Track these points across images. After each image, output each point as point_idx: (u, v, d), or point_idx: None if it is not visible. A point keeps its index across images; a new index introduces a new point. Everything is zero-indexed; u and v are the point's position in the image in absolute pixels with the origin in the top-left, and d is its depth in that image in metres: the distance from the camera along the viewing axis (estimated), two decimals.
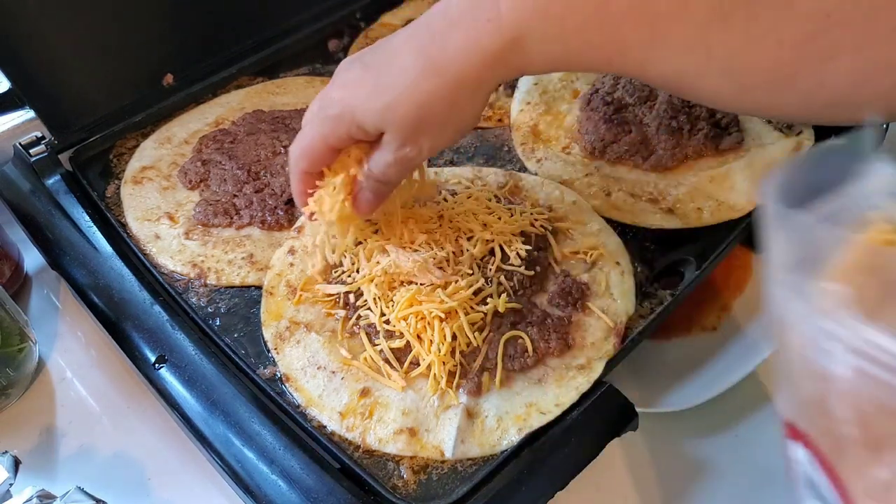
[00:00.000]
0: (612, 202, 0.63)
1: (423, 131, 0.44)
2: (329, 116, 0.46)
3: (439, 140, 0.46)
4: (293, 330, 0.55)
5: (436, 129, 0.44)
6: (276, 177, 0.66)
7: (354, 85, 0.45)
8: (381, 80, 0.43)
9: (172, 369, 0.52)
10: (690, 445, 0.56)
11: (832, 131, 0.66)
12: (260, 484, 0.46)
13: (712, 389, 0.55)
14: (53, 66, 0.67)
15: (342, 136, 0.46)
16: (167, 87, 0.75)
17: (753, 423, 0.57)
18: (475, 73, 0.41)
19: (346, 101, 0.45)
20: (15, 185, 0.66)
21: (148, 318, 0.55)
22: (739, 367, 0.56)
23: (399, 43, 0.44)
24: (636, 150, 0.67)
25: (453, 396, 0.49)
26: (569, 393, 0.49)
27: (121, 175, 0.69)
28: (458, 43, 0.40)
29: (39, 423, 0.60)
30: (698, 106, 0.68)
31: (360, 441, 0.48)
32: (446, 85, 0.41)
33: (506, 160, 0.69)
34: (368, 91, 0.44)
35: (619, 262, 0.58)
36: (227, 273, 0.60)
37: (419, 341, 0.50)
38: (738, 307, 0.62)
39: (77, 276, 0.59)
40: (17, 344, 0.58)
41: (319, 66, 0.82)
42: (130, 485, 0.55)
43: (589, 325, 0.54)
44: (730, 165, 0.65)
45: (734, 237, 0.59)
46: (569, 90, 0.74)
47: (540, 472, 0.45)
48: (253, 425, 0.48)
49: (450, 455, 0.47)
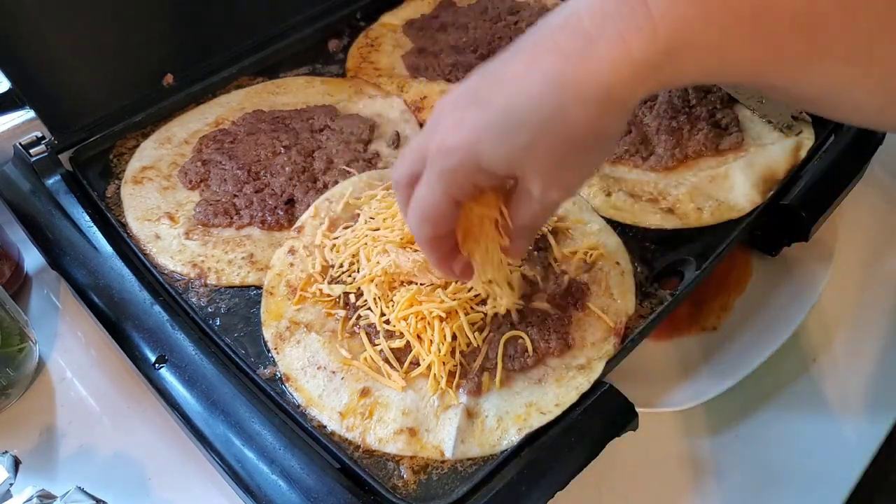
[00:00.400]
0: (611, 202, 0.63)
1: (569, 167, 0.38)
2: (449, 169, 0.38)
3: (586, 173, 0.40)
4: (293, 330, 0.55)
5: (582, 162, 0.38)
6: (276, 177, 0.66)
7: (472, 126, 0.37)
8: (508, 116, 0.36)
9: (172, 369, 0.52)
10: (690, 445, 0.56)
11: (832, 131, 0.66)
12: (260, 484, 0.46)
13: (712, 389, 0.55)
14: (53, 66, 0.67)
15: (467, 190, 0.40)
16: (167, 87, 0.75)
17: (753, 423, 0.57)
18: (624, 91, 0.35)
19: (466, 148, 0.37)
20: (15, 185, 0.66)
21: (148, 318, 0.55)
22: (739, 367, 0.56)
23: (519, 69, 0.37)
24: (636, 150, 0.67)
25: (453, 396, 0.49)
26: (569, 393, 0.49)
27: (121, 175, 0.69)
28: (604, 57, 0.34)
29: (39, 423, 0.60)
30: (698, 106, 0.69)
31: (360, 441, 0.48)
32: (594, 109, 0.35)
33: None
34: (495, 131, 0.37)
35: (619, 262, 0.58)
36: (227, 273, 0.60)
37: (419, 341, 0.50)
38: (738, 307, 0.62)
39: (77, 276, 0.59)
40: (17, 344, 0.58)
41: (319, 66, 0.82)
42: (130, 485, 0.55)
43: (589, 325, 0.54)
44: (730, 165, 0.65)
45: (734, 237, 0.59)
46: None
47: (540, 472, 0.45)
48: (253, 425, 0.48)
49: (450, 455, 0.47)
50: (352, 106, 0.76)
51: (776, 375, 0.59)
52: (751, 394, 0.58)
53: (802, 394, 0.59)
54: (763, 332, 0.58)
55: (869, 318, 0.64)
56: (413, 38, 0.85)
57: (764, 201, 0.62)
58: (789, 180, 0.63)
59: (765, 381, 0.59)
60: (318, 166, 0.67)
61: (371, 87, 0.78)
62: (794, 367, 0.60)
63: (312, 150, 0.69)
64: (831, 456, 0.56)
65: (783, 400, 0.58)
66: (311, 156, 0.69)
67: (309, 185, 0.65)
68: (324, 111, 0.74)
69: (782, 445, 0.56)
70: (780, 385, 0.59)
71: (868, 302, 0.65)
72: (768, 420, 0.57)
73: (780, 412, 0.58)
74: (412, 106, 0.76)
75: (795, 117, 0.67)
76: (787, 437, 0.56)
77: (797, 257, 0.63)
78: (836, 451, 0.56)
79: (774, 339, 0.57)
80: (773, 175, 0.64)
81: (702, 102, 0.69)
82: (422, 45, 0.83)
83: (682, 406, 0.54)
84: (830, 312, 0.64)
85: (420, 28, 0.86)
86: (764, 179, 0.63)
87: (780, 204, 0.61)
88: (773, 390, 0.59)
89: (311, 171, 0.67)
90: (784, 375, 0.60)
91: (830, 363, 0.61)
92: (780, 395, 0.59)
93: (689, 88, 0.69)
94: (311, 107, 0.75)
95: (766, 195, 0.62)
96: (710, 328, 0.61)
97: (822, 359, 0.61)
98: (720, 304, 0.63)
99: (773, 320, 0.59)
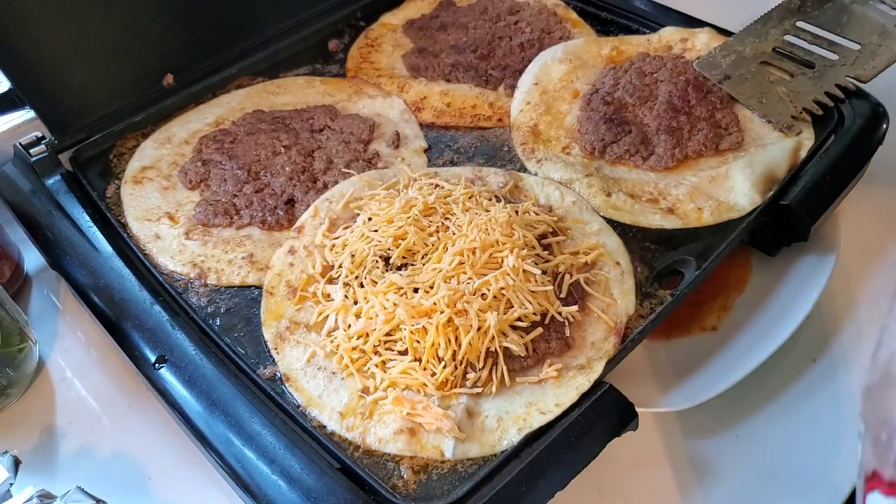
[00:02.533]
0: (612, 202, 0.63)
1: None
2: None
3: None
4: (293, 330, 0.55)
5: None
6: (277, 177, 0.66)
7: None
8: None
9: (172, 369, 0.52)
10: (690, 445, 0.56)
11: (832, 131, 0.66)
12: (260, 484, 0.46)
13: (712, 389, 0.55)
14: (53, 66, 0.67)
15: None
16: (167, 87, 0.75)
17: (753, 423, 0.57)
18: None
19: None
20: (15, 185, 0.66)
21: (148, 317, 0.55)
22: (739, 367, 0.56)
23: None
24: (636, 150, 0.67)
25: (453, 396, 0.49)
26: (569, 393, 0.49)
27: (121, 175, 0.69)
28: None
29: (39, 423, 0.60)
30: (698, 106, 0.68)
31: (360, 441, 0.48)
32: None
33: (506, 160, 0.69)
34: None
35: (619, 262, 0.58)
36: (227, 273, 0.60)
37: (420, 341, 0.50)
38: (738, 307, 0.62)
39: (77, 276, 0.59)
40: (17, 344, 0.58)
41: (319, 66, 0.82)
42: (130, 485, 0.55)
43: (589, 326, 0.54)
44: (730, 165, 0.65)
45: (734, 237, 0.59)
46: (569, 90, 0.74)
47: (540, 472, 0.45)
48: (253, 425, 0.48)
49: (450, 455, 0.47)
50: (352, 106, 0.76)
51: (776, 375, 0.59)
52: (751, 394, 0.58)
53: (802, 394, 0.59)
54: (763, 332, 0.58)
55: (869, 317, 0.64)
56: (413, 38, 0.85)
57: (764, 201, 0.62)
58: (789, 180, 0.63)
59: (765, 381, 0.59)
60: (318, 166, 0.67)
61: (371, 87, 0.78)
62: (794, 367, 0.60)
63: (312, 150, 0.69)
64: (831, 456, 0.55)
65: (783, 400, 0.58)
66: (311, 156, 0.69)
67: (309, 185, 0.65)
68: (324, 111, 0.74)
69: (782, 445, 0.56)
70: (780, 385, 0.59)
71: (868, 302, 0.65)
72: (768, 420, 0.57)
73: (780, 412, 0.58)
74: (412, 106, 0.76)
75: (795, 117, 0.67)
76: (787, 437, 0.56)
77: (797, 257, 0.63)
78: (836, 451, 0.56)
79: (774, 339, 0.57)
80: (773, 175, 0.64)
81: (702, 102, 0.69)
82: (422, 45, 0.83)
83: (682, 406, 0.54)
84: (830, 312, 0.64)
85: (420, 28, 0.86)
86: (764, 179, 0.63)
87: (780, 204, 0.61)
88: (773, 390, 0.59)
89: (311, 171, 0.67)
90: (784, 375, 0.60)
91: (830, 363, 0.61)
92: (780, 395, 0.59)
93: (689, 88, 0.69)
94: (311, 107, 0.75)
95: (766, 195, 0.62)
96: (710, 328, 0.61)
97: (822, 359, 0.61)
98: (720, 304, 0.63)
99: (773, 320, 0.59)
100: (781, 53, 0.72)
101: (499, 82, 0.78)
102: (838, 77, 0.69)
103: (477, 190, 0.61)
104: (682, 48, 0.77)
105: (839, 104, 0.68)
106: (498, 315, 0.50)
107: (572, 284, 0.56)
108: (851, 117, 0.66)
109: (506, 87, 0.77)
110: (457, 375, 0.50)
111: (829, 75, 0.69)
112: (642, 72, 0.72)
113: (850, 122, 0.66)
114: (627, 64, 0.74)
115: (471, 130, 0.73)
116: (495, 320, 0.49)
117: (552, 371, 0.50)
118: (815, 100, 0.68)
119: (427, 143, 0.72)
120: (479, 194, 0.60)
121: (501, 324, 0.50)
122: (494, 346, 0.50)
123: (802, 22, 0.73)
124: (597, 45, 0.79)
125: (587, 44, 0.79)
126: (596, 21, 0.86)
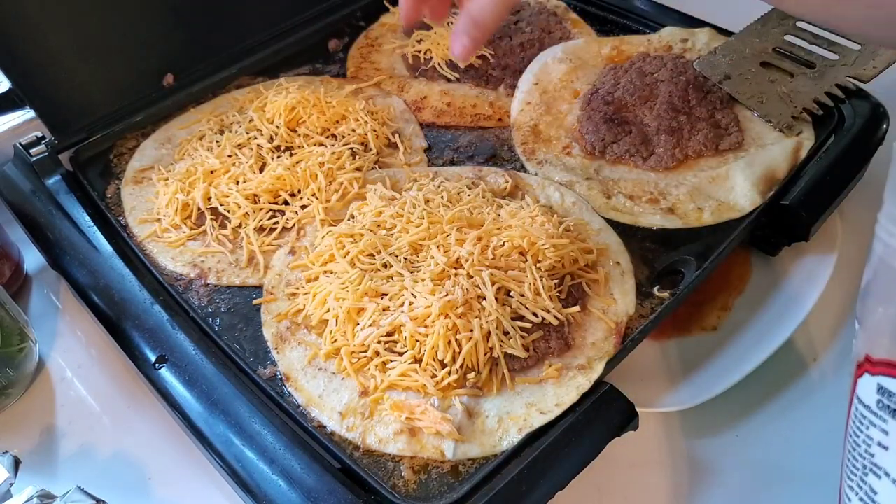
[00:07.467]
0: (612, 202, 0.63)
1: None
2: None
3: None
4: (294, 330, 0.55)
5: None
6: None
7: None
8: None
9: (173, 369, 0.52)
10: (690, 445, 0.56)
11: (833, 131, 0.66)
12: (260, 484, 0.46)
13: (712, 389, 0.55)
14: (53, 66, 0.67)
15: None
16: (167, 87, 0.75)
17: (753, 423, 0.57)
18: None
19: None
20: (15, 185, 0.66)
21: (148, 317, 0.55)
22: (739, 367, 0.56)
23: None
24: (636, 150, 0.67)
25: (453, 397, 0.49)
26: (569, 393, 0.49)
27: (121, 175, 0.69)
28: None
29: (39, 423, 0.60)
30: (698, 106, 0.68)
31: (360, 441, 0.48)
32: None
33: (506, 160, 0.69)
34: None
35: (619, 262, 0.58)
36: (227, 273, 0.60)
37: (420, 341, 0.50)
38: (738, 307, 0.62)
39: (77, 276, 0.59)
40: (17, 344, 0.58)
41: (319, 66, 0.82)
42: (130, 485, 0.55)
43: (589, 326, 0.54)
44: (730, 165, 0.65)
45: (734, 237, 0.59)
46: (569, 90, 0.74)
47: (540, 472, 0.45)
48: (253, 425, 0.48)
49: (450, 455, 0.47)
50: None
51: (776, 375, 0.59)
52: (751, 394, 0.58)
53: (803, 394, 0.59)
54: (763, 332, 0.58)
55: None
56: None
57: (764, 201, 0.62)
58: (789, 180, 0.63)
59: (765, 381, 0.58)
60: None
61: (371, 87, 0.78)
62: (794, 367, 0.60)
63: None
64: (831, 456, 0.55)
65: (783, 400, 0.58)
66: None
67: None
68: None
69: (782, 445, 0.56)
70: (780, 385, 0.59)
71: None
72: (768, 420, 0.57)
73: (780, 412, 0.58)
74: (412, 106, 0.76)
75: (795, 117, 0.67)
76: (787, 437, 0.56)
77: (797, 257, 0.63)
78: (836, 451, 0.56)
79: (774, 339, 0.57)
80: (773, 175, 0.64)
81: (702, 102, 0.69)
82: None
83: (682, 406, 0.54)
84: (831, 312, 0.64)
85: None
86: (764, 179, 0.63)
87: (780, 204, 0.61)
88: (773, 390, 0.59)
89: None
90: (784, 375, 0.60)
91: (830, 363, 0.61)
92: (780, 395, 0.59)
93: (689, 88, 0.69)
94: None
95: (766, 195, 0.62)
96: (710, 328, 0.61)
97: (823, 359, 0.61)
98: (720, 304, 0.63)
99: (774, 320, 0.59)
100: (781, 53, 0.72)
101: (499, 82, 0.78)
102: (838, 77, 0.69)
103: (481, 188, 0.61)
104: (682, 48, 0.77)
105: (839, 104, 0.68)
106: (500, 319, 0.50)
107: (573, 285, 0.56)
108: (852, 117, 0.66)
109: (506, 86, 0.77)
110: (457, 377, 0.50)
111: (830, 75, 0.69)
112: (642, 72, 0.72)
113: (850, 122, 0.66)
114: (627, 64, 0.74)
115: (471, 130, 0.73)
116: (496, 325, 0.50)
117: (552, 371, 0.50)
118: (816, 100, 0.68)
119: (427, 142, 0.72)
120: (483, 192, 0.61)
121: (503, 325, 0.50)
122: (496, 353, 0.50)
123: (803, 21, 0.73)
124: (597, 44, 0.79)
125: (587, 44, 0.79)
126: (596, 21, 0.86)
